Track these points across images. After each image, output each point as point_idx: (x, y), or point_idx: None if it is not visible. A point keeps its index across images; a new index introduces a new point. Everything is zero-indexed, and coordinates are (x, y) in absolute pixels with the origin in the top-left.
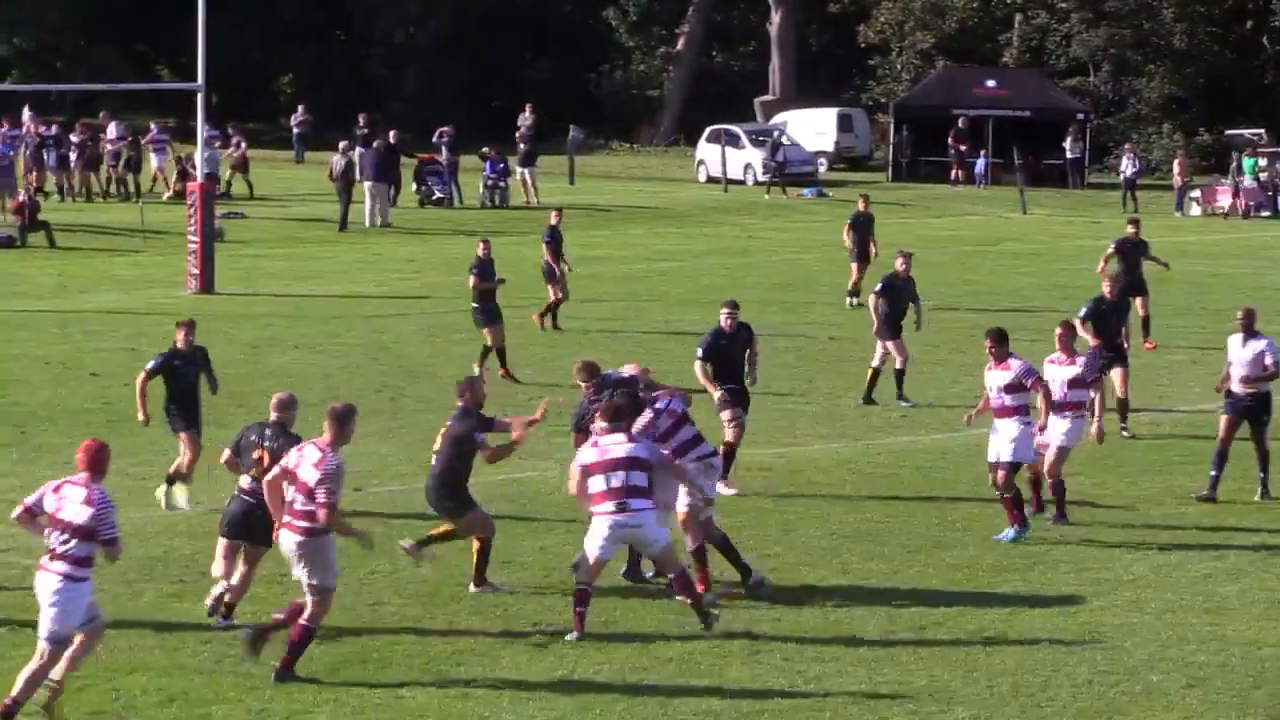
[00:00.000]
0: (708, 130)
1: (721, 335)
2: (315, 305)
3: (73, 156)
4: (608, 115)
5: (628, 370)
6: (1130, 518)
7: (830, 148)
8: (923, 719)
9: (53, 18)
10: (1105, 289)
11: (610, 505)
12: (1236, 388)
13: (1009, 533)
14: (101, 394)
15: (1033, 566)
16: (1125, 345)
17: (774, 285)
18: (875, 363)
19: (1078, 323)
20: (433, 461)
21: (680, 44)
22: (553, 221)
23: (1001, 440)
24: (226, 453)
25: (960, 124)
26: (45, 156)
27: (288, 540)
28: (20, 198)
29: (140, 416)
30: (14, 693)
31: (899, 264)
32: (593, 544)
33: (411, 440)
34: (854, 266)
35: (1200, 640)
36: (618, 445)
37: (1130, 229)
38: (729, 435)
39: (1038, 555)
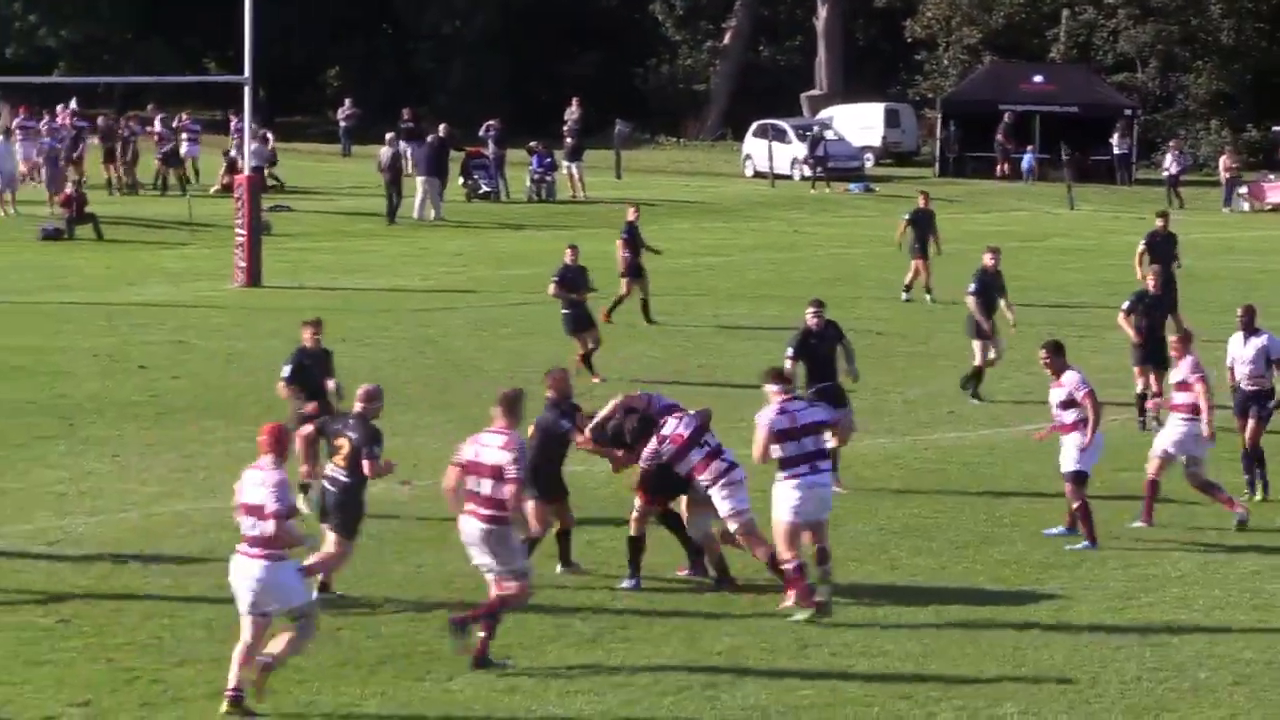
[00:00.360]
0: (754, 125)
1: (810, 334)
2: (362, 298)
3: (118, 149)
4: (654, 110)
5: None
6: (1177, 515)
7: (877, 143)
8: (970, 715)
9: (102, 11)
10: (1150, 283)
11: (804, 467)
12: (1244, 385)
13: (1059, 530)
14: (149, 386)
15: (1080, 563)
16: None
17: (821, 280)
18: (977, 360)
19: (1120, 316)
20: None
21: (727, 38)
22: (630, 218)
23: (1066, 452)
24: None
25: (1007, 119)
26: (80, 148)
27: (472, 527)
28: (68, 190)
29: (307, 407)
30: (240, 676)
31: (988, 259)
32: (784, 509)
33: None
34: (913, 264)
35: (1248, 637)
36: (804, 411)
37: (1159, 222)
38: None
39: (1085, 552)
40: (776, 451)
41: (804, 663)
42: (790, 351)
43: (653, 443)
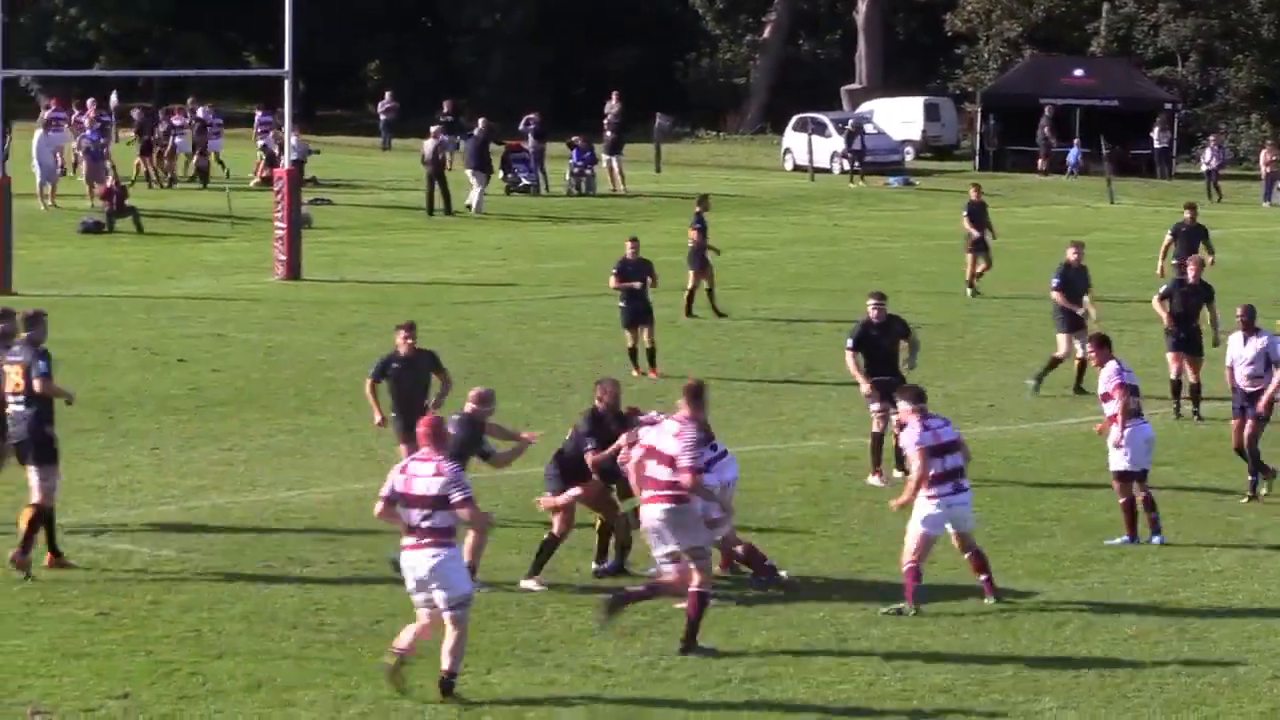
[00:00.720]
0: (794, 119)
1: (870, 326)
2: (402, 292)
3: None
4: (694, 103)
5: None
6: (1217, 509)
7: (917, 136)
8: (1009, 708)
9: (142, 4)
10: (1189, 271)
11: (948, 486)
12: (1243, 385)
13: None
14: (189, 379)
15: (1120, 558)
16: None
17: (860, 274)
18: (1059, 352)
19: (1155, 300)
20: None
21: (767, 32)
22: (698, 209)
23: (1112, 448)
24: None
25: (1048, 113)
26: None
27: (654, 511)
28: (108, 183)
29: (375, 418)
30: (445, 666)
31: (1071, 254)
32: (922, 523)
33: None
34: (969, 258)
35: None
36: (944, 428)
37: (1187, 214)
38: (874, 426)
39: (1124, 547)
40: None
41: (842, 656)
42: (850, 343)
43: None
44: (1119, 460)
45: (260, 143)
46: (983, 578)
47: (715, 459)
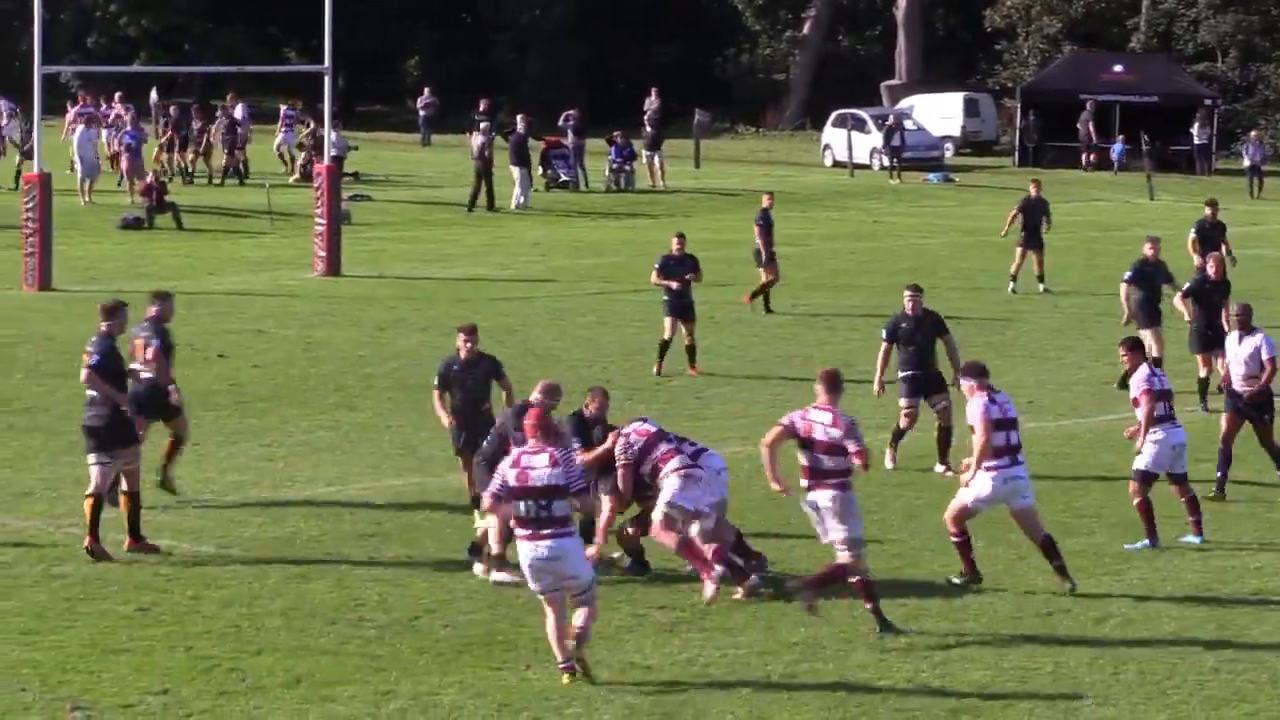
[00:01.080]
0: (833, 114)
1: (903, 318)
2: (442, 288)
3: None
4: (733, 99)
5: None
6: (1255, 507)
7: (956, 132)
8: (1048, 705)
9: (180, 1)
10: (1210, 268)
11: (1006, 459)
12: (1238, 386)
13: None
14: (229, 375)
15: (1159, 555)
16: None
17: (899, 270)
18: (1154, 351)
19: (1177, 298)
20: None
21: (806, 28)
22: (765, 204)
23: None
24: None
25: (1089, 109)
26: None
27: (823, 498)
28: (148, 179)
29: (444, 421)
30: (573, 648)
31: (1148, 249)
32: (971, 495)
33: None
34: (1018, 252)
35: None
36: (1009, 404)
37: (1208, 210)
38: (901, 423)
39: (1164, 544)
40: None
41: (881, 653)
42: (884, 334)
43: (620, 440)
44: (1139, 460)
45: (279, 138)
46: (1054, 564)
47: (701, 450)
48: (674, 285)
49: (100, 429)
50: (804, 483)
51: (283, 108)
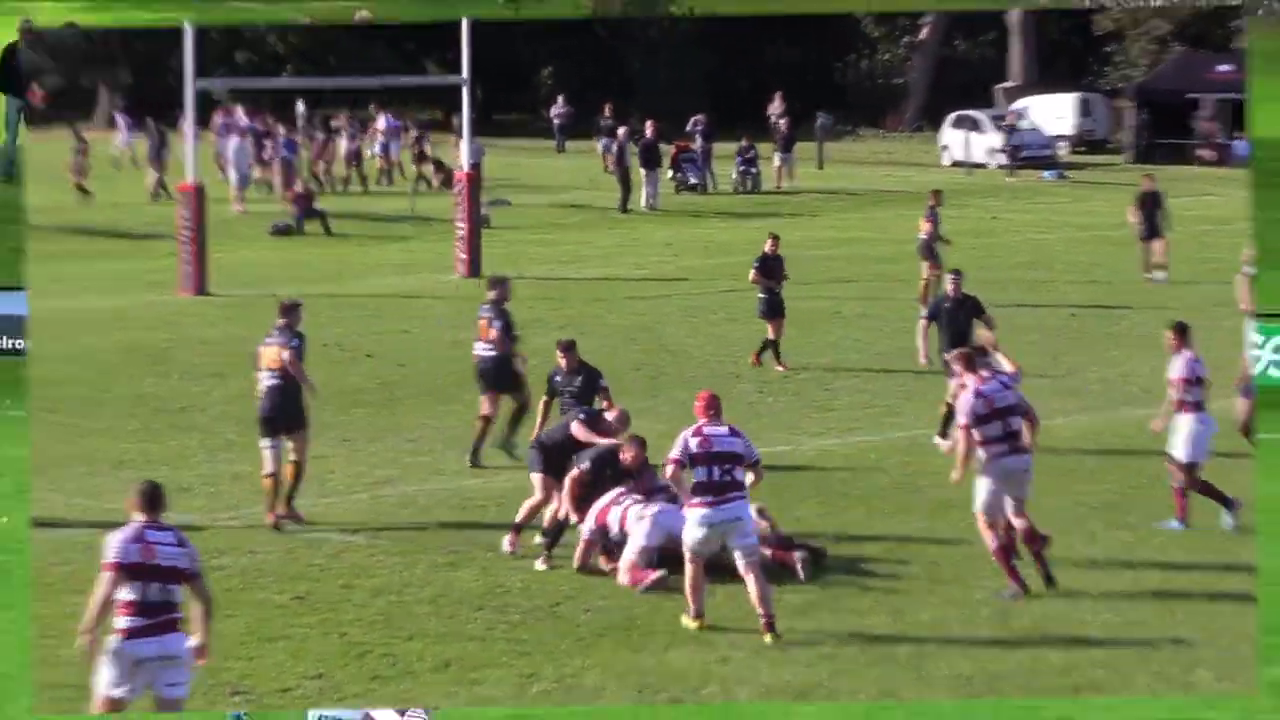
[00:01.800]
0: (951, 116)
1: (944, 299)
2: (577, 289)
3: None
4: (854, 103)
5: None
6: None
7: (1070, 131)
8: (1166, 680)
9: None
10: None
11: (1004, 447)
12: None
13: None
14: (376, 374)
15: (1276, 535)
16: None
17: (1016, 264)
18: None
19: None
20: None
21: (924, 34)
22: (931, 202)
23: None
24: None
25: (1203, 108)
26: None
27: (1021, 464)
28: (297, 188)
29: (536, 424)
30: (761, 612)
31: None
32: (981, 495)
33: (670, 415)
34: (1140, 245)
35: None
36: (1001, 393)
37: None
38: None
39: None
40: (976, 436)
41: (1005, 633)
42: (926, 313)
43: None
44: (1182, 451)
45: (376, 146)
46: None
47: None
48: (775, 286)
49: (273, 419)
50: (1001, 447)
51: (383, 117)
